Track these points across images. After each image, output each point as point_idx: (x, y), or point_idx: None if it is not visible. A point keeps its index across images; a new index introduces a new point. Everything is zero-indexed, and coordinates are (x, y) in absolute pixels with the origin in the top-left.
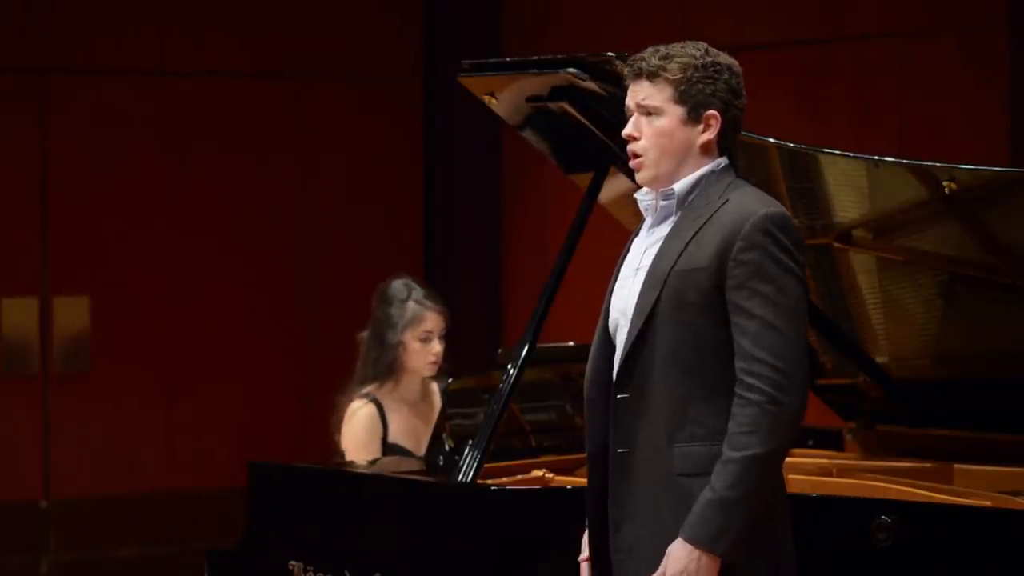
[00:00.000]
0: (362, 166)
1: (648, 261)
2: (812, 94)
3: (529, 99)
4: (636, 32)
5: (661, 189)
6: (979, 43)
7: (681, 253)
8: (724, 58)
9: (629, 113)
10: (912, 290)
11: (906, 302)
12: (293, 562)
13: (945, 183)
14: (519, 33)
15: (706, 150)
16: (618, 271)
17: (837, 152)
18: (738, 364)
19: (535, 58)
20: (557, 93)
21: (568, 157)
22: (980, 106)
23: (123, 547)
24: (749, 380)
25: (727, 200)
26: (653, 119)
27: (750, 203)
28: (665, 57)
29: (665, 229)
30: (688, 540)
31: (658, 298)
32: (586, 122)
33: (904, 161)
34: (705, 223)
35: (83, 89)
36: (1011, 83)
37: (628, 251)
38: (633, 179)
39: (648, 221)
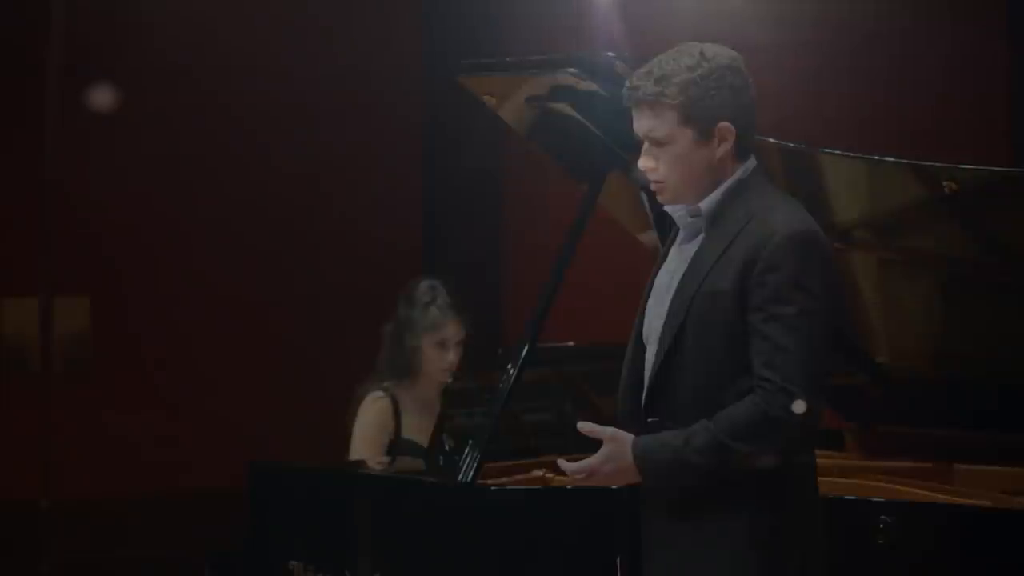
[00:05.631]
0: (362, 167)
1: (677, 281)
2: (812, 94)
3: (529, 99)
4: (636, 32)
5: (689, 207)
6: (978, 43)
7: (706, 276)
8: (720, 57)
9: (640, 141)
10: (912, 290)
11: (906, 302)
12: (293, 562)
13: (945, 183)
14: (518, 33)
15: (728, 160)
16: (652, 282)
17: (837, 152)
18: (753, 382)
19: (535, 58)
20: (557, 93)
21: (568, 157)
22: (980, 106)
23: (123, 547)
24: (760, 392)
25: (753, 217)
26: (665, 148)
27: (775, 221)
28: (660, 79)
29: (695, 247)
30: (638, 460)
31: (683, 322)
32: (586, 122)
33: (904, 161)
34: (730, 244)
35: (83, 89)
36: (1011, 83)
37: (664, 260)
38: (633, 178)
39: (682, 235)
